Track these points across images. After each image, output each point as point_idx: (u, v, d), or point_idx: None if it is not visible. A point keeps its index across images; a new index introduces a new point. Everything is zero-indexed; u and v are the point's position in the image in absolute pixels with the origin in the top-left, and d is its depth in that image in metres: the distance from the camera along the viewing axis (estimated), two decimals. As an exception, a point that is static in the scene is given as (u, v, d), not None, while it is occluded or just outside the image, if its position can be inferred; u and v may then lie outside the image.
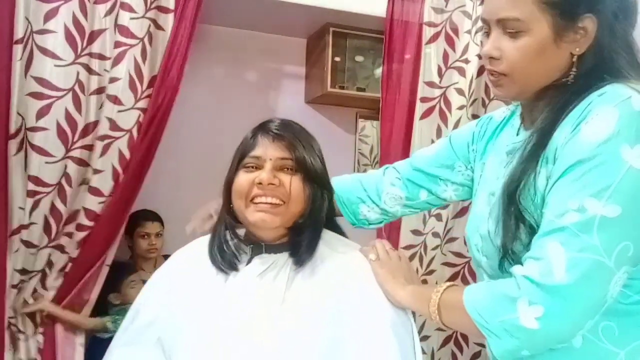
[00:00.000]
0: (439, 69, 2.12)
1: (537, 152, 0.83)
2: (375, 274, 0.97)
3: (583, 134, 0.76)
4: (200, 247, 1.03)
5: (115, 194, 1.76)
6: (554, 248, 0.74)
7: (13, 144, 1.61)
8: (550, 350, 0.81)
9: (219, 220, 1.02)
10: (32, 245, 1.68)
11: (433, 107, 2.12)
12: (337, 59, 2.34)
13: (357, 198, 1.18)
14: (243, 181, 0.95)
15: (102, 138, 1.72)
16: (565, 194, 0.76)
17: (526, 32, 0.82)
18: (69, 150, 1.69)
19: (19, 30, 1.60)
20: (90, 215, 1.74)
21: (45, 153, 1.65)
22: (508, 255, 0.85)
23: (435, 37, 2.11)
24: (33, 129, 1.63)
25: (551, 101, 0.85)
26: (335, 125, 2.65)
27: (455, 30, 2.14)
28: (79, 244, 1.76)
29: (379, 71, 2.37)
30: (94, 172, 1.73)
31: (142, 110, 1.77)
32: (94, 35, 1.70)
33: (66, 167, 1.69)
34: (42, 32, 1.63)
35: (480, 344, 2.25)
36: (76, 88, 1.67)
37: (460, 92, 2.14)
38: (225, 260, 0.97)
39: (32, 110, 1.63)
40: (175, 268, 1.04)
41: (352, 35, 2.35)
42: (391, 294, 0.95)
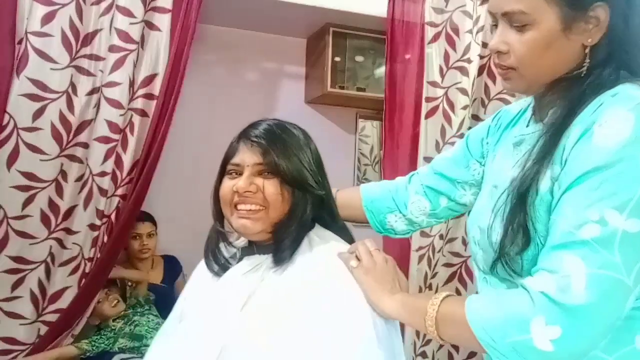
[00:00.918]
0: (441, 69, 2.12)
1: (549, 151, 0.79)
2: (358, 282, 0.90)
3: (597, 138, 0.72)
4: None
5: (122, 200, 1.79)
6: (574, 263, 0.70)
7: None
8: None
9: (212, 227, 1.05)
10: (28, 235, 1.70)
11: (437, 107, 2.12)
12: (337, 59, 2.34)
13: (386, 207, 1.13)
14: (225, 189, 0.97)
15: (100, 140, 1.73)
16: (583, 204, 0.71)
17: (532, 24, 0.79)
18: (64, 149, 1.72)
19: (21, 31, 1.61)
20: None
21: (40, 151, 1.68)
22: (502, 257, 0.81)
23: (436, 37, 2.11)
24: (28, 129, 1.65)
25: (562, 95, 0.82)
26: (335, 125, 2.64)
27: (455, 30, 2.14)
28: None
29: (379, 71, 2.37)
30: (94, 174, 1.74)
31: (137, 110, 1.78)
32: (88, 37, 1.70)
33: (62, 165, 1.71)
34: (39, 34, 1.64)
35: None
36: (70, 90, 1.69)
37: (464, 92, 2.14)
38: (217, 263, 1.01)
39: (26, 111, 1.64)
40: (199, 265, 1.08)
41: (352, 35, 2.35)
42: (378, 304, 0.88)
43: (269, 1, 2.08)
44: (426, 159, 2.15)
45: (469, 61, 2.14)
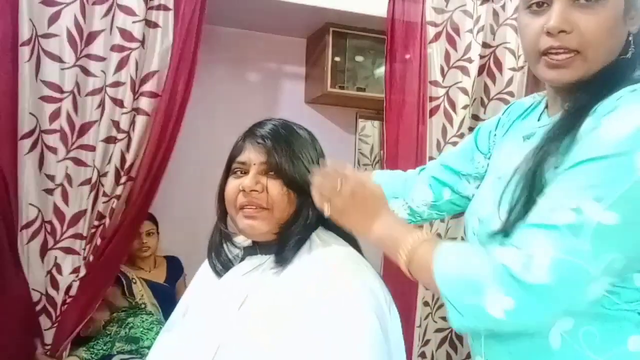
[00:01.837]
0: (442, 68, 2.13)
1: (565, 134, 0.77)
2: (340, 223, 0.93)
3: (602, 129, 0.71)
4: None
5: (129, 200, 1.80)
6: (542, 244, 0.70)
7: (25, 144, 1.66)
8: (527, 350, 0.79)
9: (215, 226, 1.05)
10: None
11: (438, 106, 2.13)
12: (337, 59, 2.34)
13: (391, 193, 1.13)
14: (230, 189, 0.97)
15: (106, 140, 1.74)
16: (566, 189, 0.71)
17: (602, 2, 0.75)
18: (69, 151, 1.72)
19: (24, 33, 1.61)
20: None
21: (54, 151, 1.71)
22: (506, 229, 0.79)
23: (436, 36, 2.11)
24: (46, 132, 1.69)
25: (583, 87, 0.79)
26: (335, 125, 2.64)
27: (456, 29, 2.14)
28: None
29: (379, 71, 2.37)
30: (98, 174, 1.75)
31: (140, 110, 1.78)
32: (91, 36, 1.70)
33: (67, 168, 1.72)
34: (47, 36, 1.65)
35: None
36: (75, 90, 1.70)
37: (465, 91, 2.14)
38: (220, 263, 1.02)
39: (44, 113, 1.67)
40: (204, 263, 1.09)
41: (352, 35, 2.35)
42: (361, 233, 0.92)
43: (269, 1, 2.08)
44: (430, 160, 2.15)
45: (469, 61, 2.14)
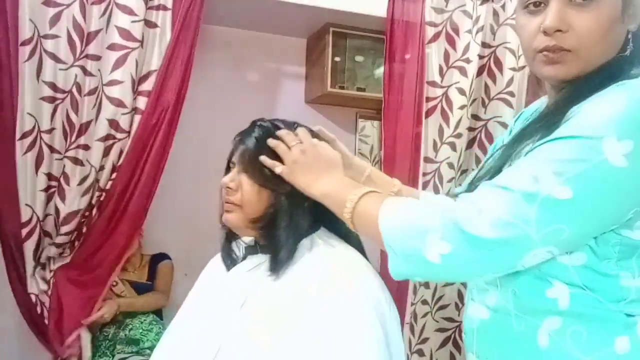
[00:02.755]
0: (440, 68, 2.13)
1: (549, 118, 0.79)
2: (290, 180, 0.94)
3: (582, 113, 0.72)
4: None
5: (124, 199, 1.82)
6: (493, 202, 0.72)
7: (23, 144, 1.66)
8: (516, 348, 0.80)
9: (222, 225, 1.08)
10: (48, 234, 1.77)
11: (435, 107, 2.13)
12: (337, 59, 2.33)
13: None
14: (222, 185, 1.02)
15: (103, 139, 1.74)
16: (533, 159, 0.74)
17: (597, 1, 0.75)
18: (67, 150, 1.74)
19: (25, 32, 1.62)
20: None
21: (56, 151, 1.73)
22: (470, 190, 0.81)
23: (436, 36, 2.12)
24: (47, 131, 1.69)
25: (580, 85, 0.79)
26: (335, 125, 2.64)
27: (455, 29, 2.14)
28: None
29: (379, 71, 2.37)
30: (97, 171, 1.76)
31: (139, 110, 1.79)
32: (90, 36, 1.71)
33: (64, 167, 1.73)
34: (48, 37, 1.66)
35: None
36: (74, 90, 1.70)
37: (462, 91, 2.14)
38: (229, 259, 1.05)
39: (45, 113, 1.68)
40: (211, 261, 1.11)
41: (352, 35, 2.35)
42: (307, 190, 0.92)
43: (269, 1, 2.08)
44: (425, 159, 2.15)
45: (468, 61, 2.14)
